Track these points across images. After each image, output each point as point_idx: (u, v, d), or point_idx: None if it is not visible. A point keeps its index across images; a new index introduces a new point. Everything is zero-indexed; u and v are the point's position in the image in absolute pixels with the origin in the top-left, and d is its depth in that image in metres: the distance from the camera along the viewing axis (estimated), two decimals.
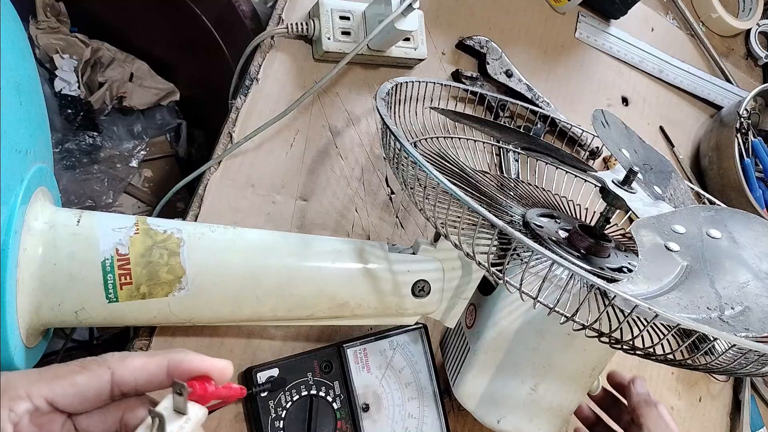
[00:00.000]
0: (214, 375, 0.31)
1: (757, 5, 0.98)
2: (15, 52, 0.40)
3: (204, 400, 0.31)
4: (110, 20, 0.95)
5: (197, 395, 0.30)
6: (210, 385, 0.31)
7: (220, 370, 0.32)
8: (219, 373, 0.32)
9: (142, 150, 0.97)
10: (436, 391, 0.57)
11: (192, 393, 0.30)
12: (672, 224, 0.47)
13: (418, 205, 0.44)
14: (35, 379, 0.30)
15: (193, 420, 0.29)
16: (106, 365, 0.31)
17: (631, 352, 0.40)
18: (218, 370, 0.32)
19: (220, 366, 0.32)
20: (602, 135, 0.56)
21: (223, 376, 0.32)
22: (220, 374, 0.32)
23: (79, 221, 0.42)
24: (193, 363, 0.31)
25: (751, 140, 0.86)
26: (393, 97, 0.56)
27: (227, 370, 0.32)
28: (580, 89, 0.80)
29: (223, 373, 0.32)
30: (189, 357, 0.31)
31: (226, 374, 0.32)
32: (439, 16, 0.71)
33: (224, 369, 0.32)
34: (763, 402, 0.85)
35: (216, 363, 0.32)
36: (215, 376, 0.32)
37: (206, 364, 0.31)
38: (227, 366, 0.32)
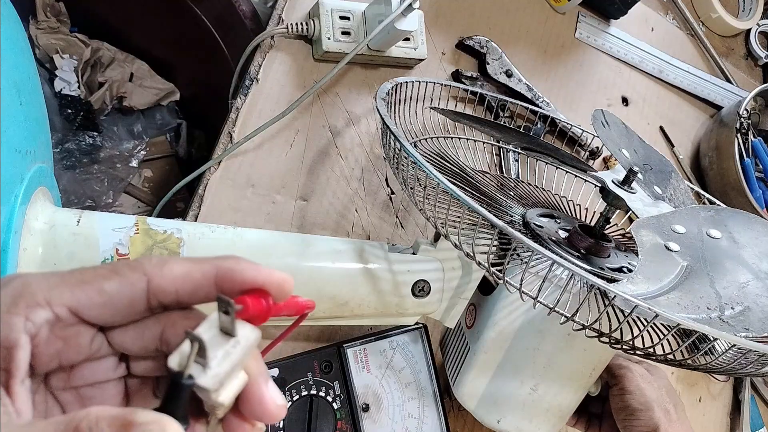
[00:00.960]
0: (271, 289, 0.26)
1: (757, 5, 0.98)
2: (15, 52, 0.40)
3: (259, 319, 0.25)
4: (110, 20, 0.95)
5: (250, 314, 0.25)
6: (267, 300, 0.25)
7: (279, 283, 0.26)
8: (278, 288, 0.26)
9: (142, 150, 0.97)
10: (436, 391, 0.57)
11: (243, 311, 0.25)
12: (672, 224, 0.47)
13: (418, 205, 0.44)
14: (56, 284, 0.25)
15: (243, 344, 0.24)
16: (142, 270, 0.25)
17: (631, 352, 0.40)
18: (277, 284, 0.26)
19: (279, 278, 0.26)
20: (602, 135, 0.56)
21: (283, 291, 0.26)
22: (279, 288, 0.26)
23: (79, 221, 0.42)
24: (246, 273, 0.25)
25: (751, 140, 0.86)
26: (393, 97, 0.56)
27: (288, 284, 0.26)
28: (580, 89, 0.80)
29: (282, 287, 0.26)
30: (242, 266, 0.26)
31: (287, 288, 0.26)
32: (439, 16, 0.71)
33: (284, 282, 0.26)
34: (763, 402, 0.85)
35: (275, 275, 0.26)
36: (273, 290, 0.26)
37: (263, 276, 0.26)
38: (288, 279, 0.26)
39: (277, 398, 0.26)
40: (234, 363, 0.24)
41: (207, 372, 0.23)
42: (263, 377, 0.26)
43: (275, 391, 0.26)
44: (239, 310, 0.24)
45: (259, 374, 0.26)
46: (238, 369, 0.25)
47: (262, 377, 0.26)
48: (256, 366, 0.26)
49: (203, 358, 0.23)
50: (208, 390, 0.23)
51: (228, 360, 0.24)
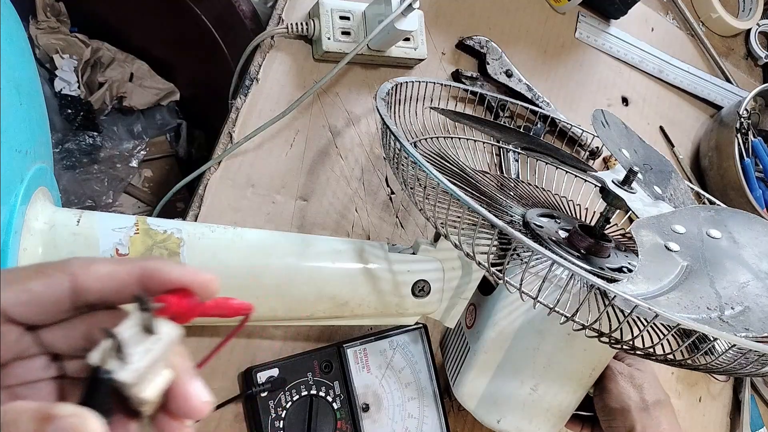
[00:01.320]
0: (196, 289, 0.26)
1: (757, 5, 0.98)
2: (15, 52, 0.40)
3: (183, 318, 0.26)
4: (110, 20, 0.95)
5: (172, 312, 0.25)
6: (191, 300, 0.26)
7: (202, 283, 0.26)
8: (202, 287, 0.26)
9: (142, 150, 0.97)
10: (436, 391, 0.57)
11: (165, 309, 0.25)
12: (672, 224, 0.47)
13: (418, 205, 0.44)
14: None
15: (165, 340, 0.25)
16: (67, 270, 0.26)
17: (631, 352, 0.40)
18: (201, 283, 0.26)
19: (203, 278, 0.26)
20: (602, 135, 0.56)
21: (208, 291, 0.27)
22: (203, 288, 0.26)
23: (79, 221, 0.42)
24: (171, 273, 0.26)
25: (751, 140, 0.86)
26: (393, 97, 0.56)
27: (212, 284, 0.27)
28: (580, 89, 0.80)
29: (207, 286, 0.26)
30: (167, 267, 0.26)
31: (212, 288, 0.27)
32: (439, 16, 0.71)
33: (209, 282, 0.26)
34: (763, 402, 0.85)
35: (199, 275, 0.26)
36: (198, 290, 0.26)
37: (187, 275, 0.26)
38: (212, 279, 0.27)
39: (202, 395, 0.26)
40: (154, 359, 0.24)
41: (126, 367, 0.24)
42: (188, 374, 0.26)
43: (200, 388, 0.26)
44: (160, 308, 0.25)
45: (184, 371, 0.26)
46: (160, 366, 0.25)
47: (187, 374, 0.26)
48: (181, 363, 0.26)
49: (123, 354, 0.24)
50: (128, 384, 0.24)
51: (148, 356, 0.24)
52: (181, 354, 0.27)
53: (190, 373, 0.27)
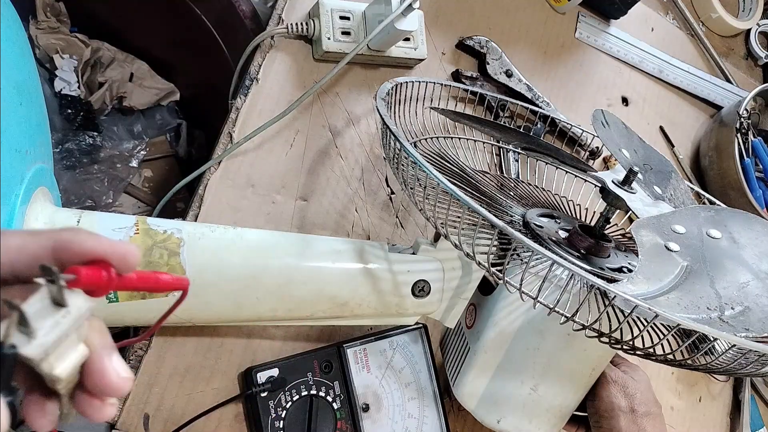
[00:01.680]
0: (113, 260, 0.25)
1: (757, 5, 0.98)
2: (15, 52, 0.40)
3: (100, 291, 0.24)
4: (110, 20, 0.95)
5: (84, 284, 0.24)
6: (108, 272, 0.24)
7: (121, 253, 0.25)
8: (120, 259, 0.25)
9: (142, 150, 0.97)
10: (436, 391, 0.57)
11: (76, 281, 0.23)
12: (672, 224, 0.47)
13: (418, 205, 0.44)
14: None
15: (74, 313, 0.23)
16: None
17: (631, 352, 0.40)
18: (119, 254, 0.25)
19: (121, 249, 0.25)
20: (602, 135, 0.56)
21: (126, 263, 0.25)
22: (121, 259, 0.25)
23: (79, 221, 0.42)
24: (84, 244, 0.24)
25: (751, 140, 0.86)
26: (393, 97, 0.56)
27: (131, 255, 0.25)
28: (580, 89, 0.80)
29: (125, 258, 0.25)
30: (81, 236, 0.24)
31: (131, 260, 0.25)
32: (439, 16, 0.71)
33: (127, 253, 0.25)
34: (763, 402, 0.85)
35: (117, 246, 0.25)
36: (115, 261, 0.25)
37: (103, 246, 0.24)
38: (131, 249, 0.25)
39: (121, 371, 0.25)
40: (62, 332, 0.23)
41: (31, 342, 0.22)
42: (106, 350, 0.25)
43: (119, 363, 0.25)
44: (71, 280, 0.23)
45: (102, 347, 0.25)
46: (73, 341, 0.24)
47: (105, 350, 0.25)
48: (99, 339, 0.25)
49: (28, 328, 0.22)
50: (34, 360, 0.22)
51: (56, 329, 0.23)
52: (99, 329, 0.25)
53: (108, 348, 0.25)
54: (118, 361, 0.25)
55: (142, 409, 0.50)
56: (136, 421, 0.50)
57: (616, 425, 0.52)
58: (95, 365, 0.25)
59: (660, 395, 0.76)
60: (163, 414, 0.51)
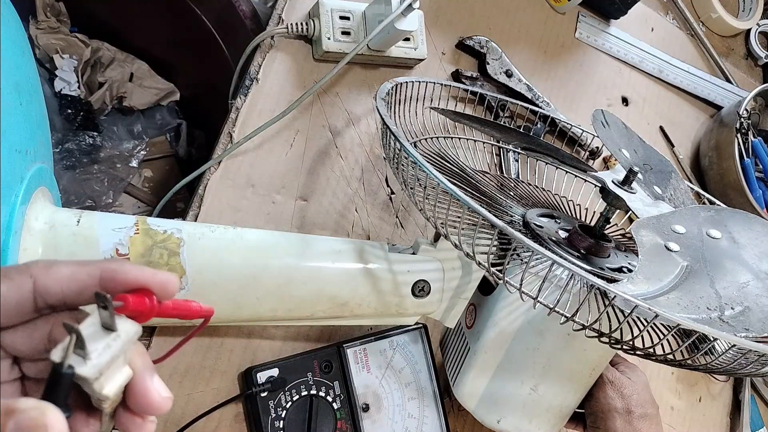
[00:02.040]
0: (154, 288, 0.27)
1: (757, 5, 0.98)
2: (15, 52, 0.40)
3: (143, 317, 0.27)
4: (110, 20, 0.95)
5: (130, 310, 0.26)
6: (150, 299, 0.27)
7: (161, 282, 0.27)
8: (160, 287, 0.27)
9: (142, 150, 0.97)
10: (436, 391, 0.57)
11: (123, 307, 0.26)
12: (672, 224, 0.47)
13: (418, 205, 0.44)
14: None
15: (123, 337, 0.25)
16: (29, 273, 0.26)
17: (631, 353, 0.40)
18: (160, 283, 0.27)
19: (162, 278, 0.27)
20: (602, 135, 0.56)
21: (166, 291, 0.27)
22: (162, 288, 0.27)
23: (79, 221, 0.42)
24: (129, 274, 0.27)
25: (751, 140, 0.86)
26: (393, 97, 0.56)
27: (171, 284, 0.28)
28: (580, 89, 0.80)
29: (165, 287, 0.27)
30: (126, 267, 0.27)
31: (170, 289, 0.28)
32: (439, 16, 0.71)
33: (167, 282, 0.27)
34: (763, 402, 0.85)
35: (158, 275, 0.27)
36: (156, 290, 0.27)
37: (145, 276, 0.27)
38: (171, 279, 0.28)
39: (162, 390, 0.27)
40: (114, 354, 0.25)
41: (87, 363, 0.24)
42: (148, 372, 0.27)
43: (160, 384, 0.27)
44: (119, 307, 0.26)
45: (144, 369, 0.27)
46: (120, 362, 0.26)
47: (147, 372, 0.27)
48: (141, 361, 0.27)
49: (83, 350, 0.24)
50: (88, 379, 0.24)
51: (108, 352, 0.25)
52: (141, 352, 0.27)
53: (150, 370, 0.27)
54: (159, 382, 0.28)
55: None
56: None
57: (611, 426, 0.52)
58: (139, 386, 0.27)
59: (660, 395, 0.76)
60: (163, 414, 0.51)
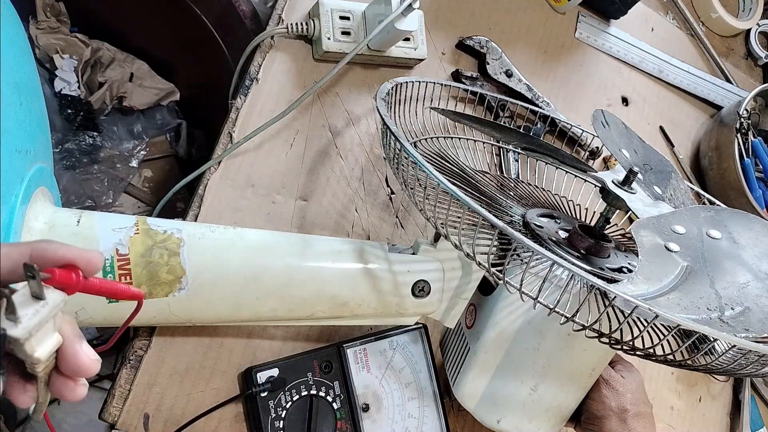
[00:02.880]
0: (80, 264, 0.30)
1: (757, 5, 0.98)
2: (15, 52, 0.40)
3: (70, 289, 0.29)
4: (110, 20, 0.95)
5: (57, 281, 0.29)
6: (77, 273, 0.29)
7: (86, 259, 0.30)
8: (86, 263, 0.30)
9: (142, 150, 0.97)
10: (436, 391, 0.57)
11: (51, 279, 0.28)
12: (672, 225, 0.47)
13: (418, 206, 0.44)
14: None
15: (51, 304, 0.28)
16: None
17: (631, 353, 0.40)
18: (85, 260, 0.30)
19: (87, 255, 0.30)
20: (602, 135, 0.56)
21: (91, 266, 0.30)
22: (87, 264, 0.30)
23: (79, 221, 0.42)
24: (57, 251, 0.29)
25: (751, 140, 0.86)
26: (393, 98, 0.56)
27: (95, 260, 0.30)
28: (580, 89, 0.80)
29: (90, 262, 0.30)
30: (54, 245, 0.29)
31: (94, 264, 0.30)
32: (439, 16, 0.71)
33: (92, 259, 0.30)
34: (763, 402, 0.85)
35: (83, 252, 0.30)
36: (81, 265, 0.30)
37: (72, 253, 0.30)
38: (96, 256, 0.30)
39: (90, 354, 0.30)
40: (42, 318, 0.27)
41: (17, 326, 0.27)
42: (77, 338, 0.30)
43: (88, 348, 0.30)
44: (46, 278, 0.28)
45: (73, 335, 0.30)
46: (50, 328, 0.28)
47: (75, 337, 0.30)
48: (69, 329, 0.30)
49: (14, 315, 0.27)
50: (19, 339, 0.26)
51: (37, 316, 0.27)
52: (69, 321, 0.30)
53: (78, 336, 0.30)
54: (87, 346, 0.30)
55: (142, 409, 0.50)
56: (136, 421, 0.50)
57: (606, 424, 0.52)
58: (69, 350, 0.29)
59: (660, 395, 0.76)
60: (163, 414, 0.51)
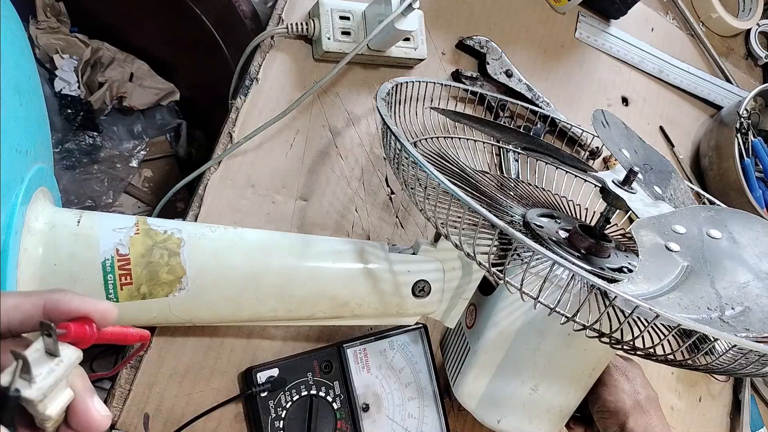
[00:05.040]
0: (94, 317, 0.29)
1: (757, 5, 0.98)
2: (15, 52, 0.40)
3: (83, 342, 0.29)
4: (110, 20, 0.95)
5: (72, 337, 0.28)
6: (90, 327, 0.29)
7: (101, 312, 0.30)
8: (100, 316, 0.30)
9: (142, 150, 0.97)
10: (436, 391, 0.57)
11: (66, 335, 0.28)
12: (672, 224, 0.47)
13: (419, 206, 0.44)
14: None
15: (66, 362, 0.27)
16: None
17: (631, 353, 0.40)
18: (99, 312, 0.29)
19: (102, 308, 0.30)
20: (602, 135, 0.56)
21: (105, 320, 0.30)
22: (102, 316, 0.30)
23: (79, 221, 0.42)
24: (72, 303, 0.29)
25: (751, 140, 0.86)
26: (393, 98, 0.56)
27: (110, 313, 0.30)
28: (580, 89, 0.80)
29: (105, 315, 0.30)
30: (68, 297, 0.29)
31: (109, 317, 0.30)
32: (439, 16, 0.71)
33: (107, 311, 0.30)
34: (763, 402, 0.85)
35: (98, 304, 0.30)
36: (96, 318, 0.29)
37: (87, 306, 0.29)
38: (110, 308, 0.30)
39: (102, 410, 0.29)
40: (57, 378, 0.27)
41: (32, 386, 0.26)
42: (88, 393, 0.29)
43: (100, 404, 0.29)
44: (62, 334, 0.28)
45: (85, 390, 0.29)
46: (62, 385, 0.28)
47: (87, 393, 0.29)
48: (81, 383, 0.29)
49: (29, 375, 0.26)
50: (33, 401, 0.26)
51: (51, 376, 0.27)
52: (81, 375, 0.30)
53: (90, 391, 0.29)
54: (98, 402, 0.30)
55: (142, 409, 0.50)
56: (136, 421, 0.50)
57: (622, 411, 0.52)
58: (80, 406, 0.29)
59: (660, 395, 0.76)
60: (163, 414, 0.51)
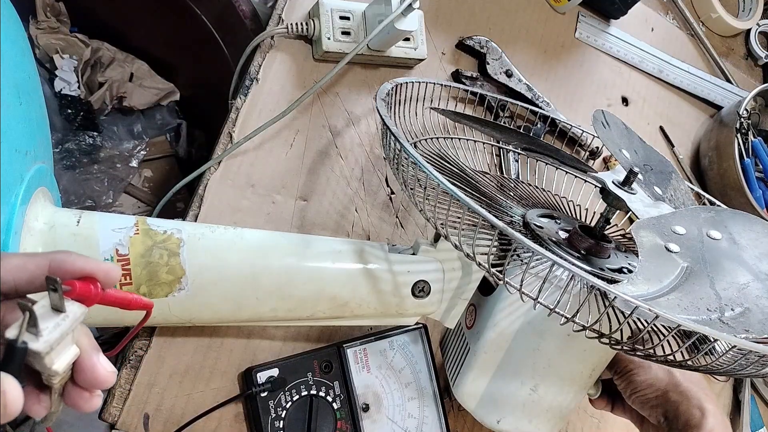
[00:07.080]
0: (99, 276, 0.30)
1: (757, 5, 0.98)
2: (15, 52, 0.40)
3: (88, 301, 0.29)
4: (110, 20, 0.95)
5: (77, 294, 0.29)
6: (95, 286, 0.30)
7: (105, 271, 0.30)
8: (104, 275, 0.30)
9: (142, 150, 0.97)
10: (436, 391, 0.57)
11: (71, 291, 0.29)
12: (672, 225, 0.47)
13: (419, 206, 0.44)
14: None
15: (71, 317, 0.28)
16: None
17: (631, 353, 0.40)
18: (103, 271, 0.30)
19: (106, 267, 0.30)
20: (602, 135, 0.56)
21: (109, 279, 0.30)
22: (105, 276, 0.30)
23: (79, 221, 0.42)
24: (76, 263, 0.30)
25: (751, 140, 0.86)
26: (393, 98, 0.56)
27: (113, 272, 0.31)
28: (580, 89, 0.80)
29: (108, 275, 0.30)
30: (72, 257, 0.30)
31: (112, 276, 0.31)
32: (439, 16, 0.71)
33: (110, 271, 0.30)
34: (763, 402, 0.85)
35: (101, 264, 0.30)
36: (100, 277, 0.30)
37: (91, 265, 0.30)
38: (114, 268, 0.31)
39: (107, 366, 0.30)
40: (63, 332, 0.27)
41: (39, 339, 0.26)
42: (94, 350, 0.30)
43: (105, 360, 0.30)
44: (67, 291, 0.28)
45: (90, 347, 0.30)
46: (69, 341, 0.28)
47: (93, 350, 0.30)
48: (87, 341, 0.30)
49: (36, 328, 0.26)
50: (40, 353, 0.26)
51: (58, 329, 0.27)
52: (87, 333, 0.30)
53: (95, 348, 0.30)
54: (104, 359, 0.30)
55: (142, 409, 0.50)
56: (136, 421, 0.50)
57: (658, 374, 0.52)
58: (86, 362, 0.29)
59: None
60: (163, 414, 0.51)
